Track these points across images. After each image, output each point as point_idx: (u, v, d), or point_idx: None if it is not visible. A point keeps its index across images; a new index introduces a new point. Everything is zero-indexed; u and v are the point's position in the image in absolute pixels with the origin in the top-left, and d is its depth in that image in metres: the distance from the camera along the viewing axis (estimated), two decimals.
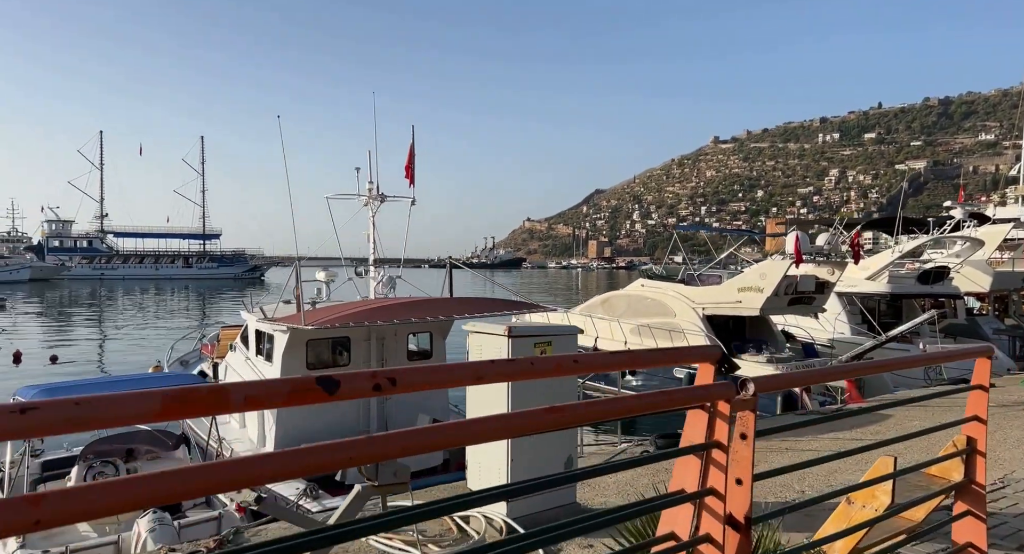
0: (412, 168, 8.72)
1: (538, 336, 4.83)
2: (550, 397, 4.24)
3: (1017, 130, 77.06)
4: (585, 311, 17.71)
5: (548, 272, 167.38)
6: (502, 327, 4.64)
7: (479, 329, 4.85)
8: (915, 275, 18.21)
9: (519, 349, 4.59)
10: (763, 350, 15.28)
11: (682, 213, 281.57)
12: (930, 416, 7.86)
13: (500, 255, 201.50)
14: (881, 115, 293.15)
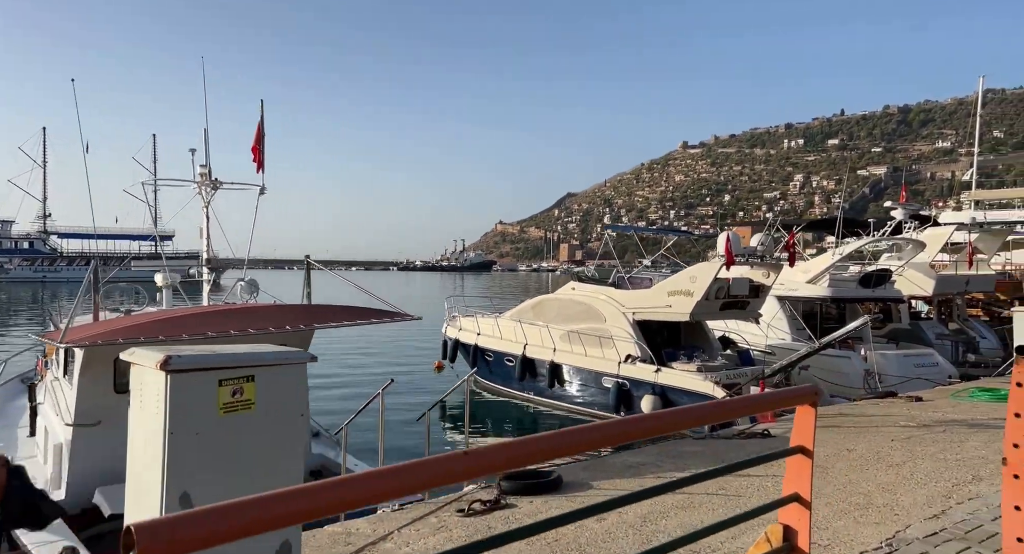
0: (261, 151, 7.65)
1: (225, 369, 2.75)
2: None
3: (970, 138, 79.14)
4: (516, 316, 16.79)
5: (518, 275, 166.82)
6: (158, 355, 2.72)
7: (137, 358, 2.88)
8: (857, 278, 17.72)
9: (189, 390, 2.70)
10: (695, 357, 14.52)
11: (651, 217, 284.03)
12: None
13: (470, 258, 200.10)
14: (844, 122, 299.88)
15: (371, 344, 27.91)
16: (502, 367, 16.76)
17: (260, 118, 7.57)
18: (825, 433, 7.15)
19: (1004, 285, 22.74)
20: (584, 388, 15.02)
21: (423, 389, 18.84)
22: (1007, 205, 75.84)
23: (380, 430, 6.08)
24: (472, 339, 17.52)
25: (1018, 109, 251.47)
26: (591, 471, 5.53)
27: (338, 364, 22.62)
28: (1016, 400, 3.68)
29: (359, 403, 17.00)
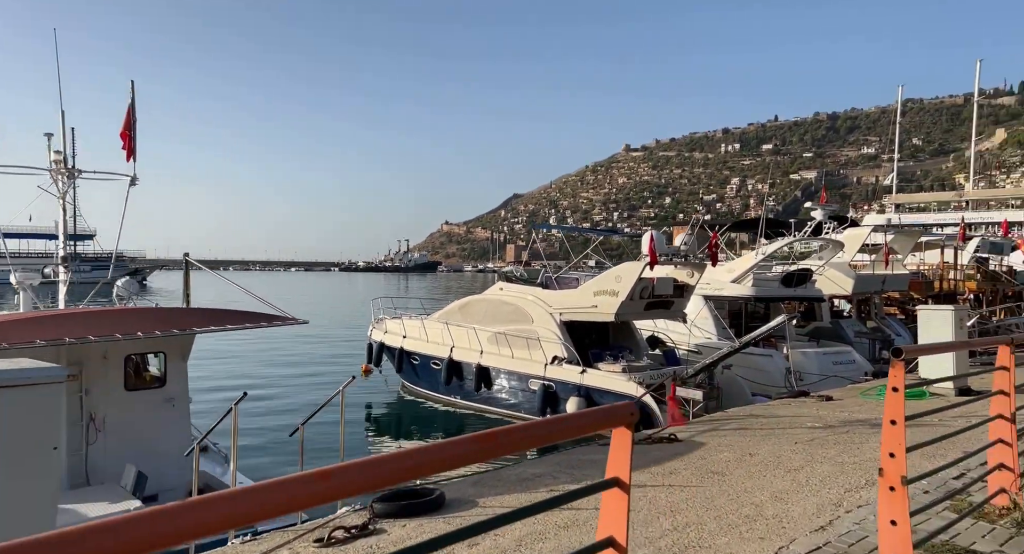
0: (131, 137, 6.91)
1: None
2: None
3: (892, 145, 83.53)
4: (443, 317, 16.30)
5: (464, 276, 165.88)
6: None
7: None
8: (779, 278, 18.07)
9: None
10: (621, 358, 14.40)
11: (596, 218, 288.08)
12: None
13: (414, 258, 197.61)
14: (777, 127, 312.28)
15: (295, 349, 26.87)
16: (428, 371, 16.24)
17: (130, 101, 6.82)
18: (732, 436, 7.00)
19: (917, 284, 23.76)
20: (511, 391, 14.68)
21: (348, 395, 18.10)
22: (924, 208, 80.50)
23: (233, 443, 5.49)
24: (398, 342, 16.93)
25: (935, 118, 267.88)
26: (480, 486, 5.13)
27: (255, 370, 21.57)
28: (892, 406, 3.49)
29: (273, 412, 16.05)
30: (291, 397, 17.56)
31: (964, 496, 4.62)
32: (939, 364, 9.49)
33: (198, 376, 19.07)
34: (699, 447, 6.44)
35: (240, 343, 28.35)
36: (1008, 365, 4.30)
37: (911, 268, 27.07)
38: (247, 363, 23.22)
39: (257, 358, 24.38)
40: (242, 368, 22.16)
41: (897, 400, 3.24)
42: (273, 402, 16.85)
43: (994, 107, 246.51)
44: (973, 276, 26.49)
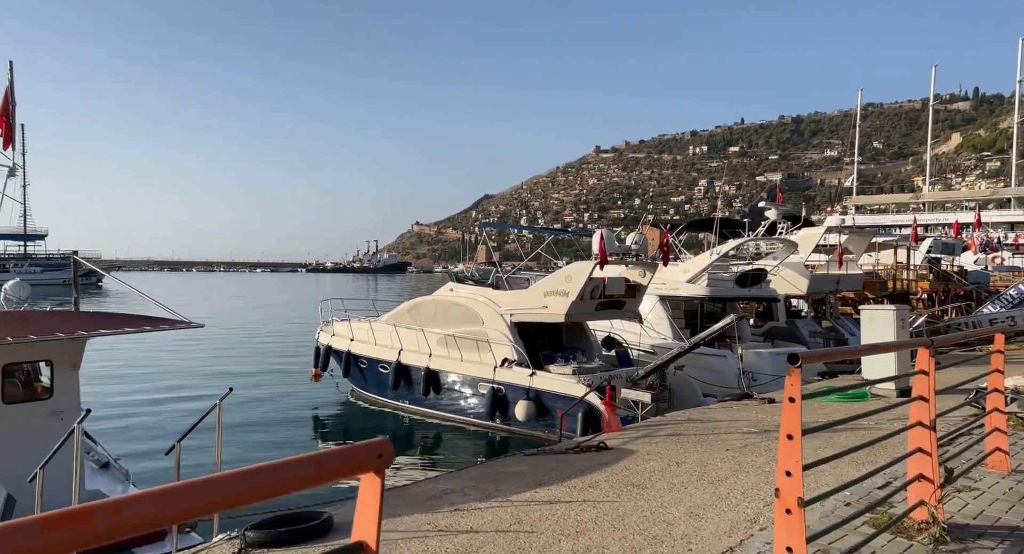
0: (8, 124, 6.32)
1: None
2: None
3: (852, 148, 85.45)
4: (391, 319, 15.80)
5: (434, 276, 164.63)
6: None
7: None
8: (734, 278, 18.01)
9: None
10: (572, 360, 14.10)
11: (567, 219, 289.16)
12: (714, 452, 6.60)
13: (383, 259, 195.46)
14: (743, 130, 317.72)
15: (240, 353, 26.06)
16: (376, 375, 15.73)
17: (8, 83, 6.21)
18: (665, 443, 6.71)
19: (871, 284, 24.03)
20: (460, 395, 14.27)
21: (297, 399, 17.51)
22: (884, 210, 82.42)
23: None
24: (345, 345, 16.37)
25: (894, 122, 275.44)
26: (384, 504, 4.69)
27: (193, 376, 20.74)
28: (789, 418, 3.19)
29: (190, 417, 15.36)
30: (229, 402, 16.85)
31: (886, 508, 4.37)
32: (881, 364, 9.39)
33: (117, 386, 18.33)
34: (627, 456, 6.12)
35: (183, 347, 27.43)
36: (928, 369, 4.06)
37: (867, 268, 27.48)
38: (183, 371, 22.35)
39: (198, 363, 23.52)
40: (181, 376, 21.32)
41: (793, 412, 2.93)
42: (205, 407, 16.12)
43: (950, 112, 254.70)
44: (926, 276, 26.98)
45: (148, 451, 11.81)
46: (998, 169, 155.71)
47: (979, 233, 36.78)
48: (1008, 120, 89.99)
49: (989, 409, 5.30)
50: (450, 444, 13.61)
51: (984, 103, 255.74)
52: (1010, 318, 21.54)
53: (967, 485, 4.88)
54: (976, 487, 4.86)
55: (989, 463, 5.32)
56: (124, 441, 12.50)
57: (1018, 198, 66.62)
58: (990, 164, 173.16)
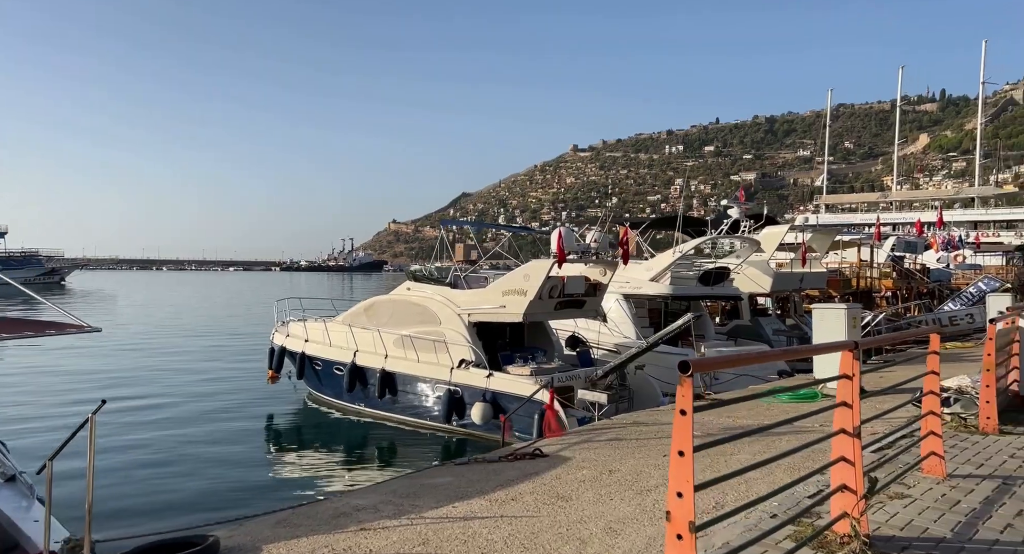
0: None
1: None
2: None
3: (825, 150, 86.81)
4: (347, 320, 15.39)
5: None
6: None
7: None
8: (697, 276, 17.93)
9: None
10: (531, 360, 13.85)
11: (544, 218, 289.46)
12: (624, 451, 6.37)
13: (359, 257, 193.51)
14: (718, 130, 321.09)
15: (196, 355, 25.39)
16: (332, 377, 15.30)
17: None
18: (603, 449, 6.46)
19: (836, 282, 24.22)
20: (416, 397, 13.92)
21: (252, 403, 17.00)
22: (855, 209, 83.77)
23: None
24: (299, 346, 15.91)
25: (865, 123, 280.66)
26: (283, 527, 4.38)
27: (145, 377, 20.08)
28: (680, 433, 2.94)
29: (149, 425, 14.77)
30: (182, 406, 16.33)
31: (812, 519, 4.17)
32: (832, 363, 9.28)
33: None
34: (561, 464, 5.86)
35: (136, 346, 26.66)
36: (851, 372, 3.85)
37: (833, 266, 27.73)
38: (137, 374, 21.67)
39: (148, 365, 22.83)
40: (134, 380, 20.64)
41: (684, 426, 2.68)
42: (153, 412, 15.57)
43: (918, 113, 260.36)
44: (889, 274, 27.30)
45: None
46: (963, 169, 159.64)
47: (941, 232, 37.42)
48: (974, 121, 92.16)
49: (924, 412, 5.14)
50: (406, 448, 13.28)
51: (951, 104, 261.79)
52: (969, 315, 21.84)
53: (899, 492, 4.71)
54: (909, 494, 4.69)
55: (924, 468, 5.17)
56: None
57: (981, 198, 68.20)
58: (956, 164, 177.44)
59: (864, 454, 5.97)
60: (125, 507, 9.03)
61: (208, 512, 9.37)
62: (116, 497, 9.40)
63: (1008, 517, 4.22)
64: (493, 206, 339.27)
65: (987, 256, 38.94)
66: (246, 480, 11.20)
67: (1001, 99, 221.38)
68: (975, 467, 5.37)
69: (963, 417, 6.78)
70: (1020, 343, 7.35)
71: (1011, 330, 7.36)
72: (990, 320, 6.61)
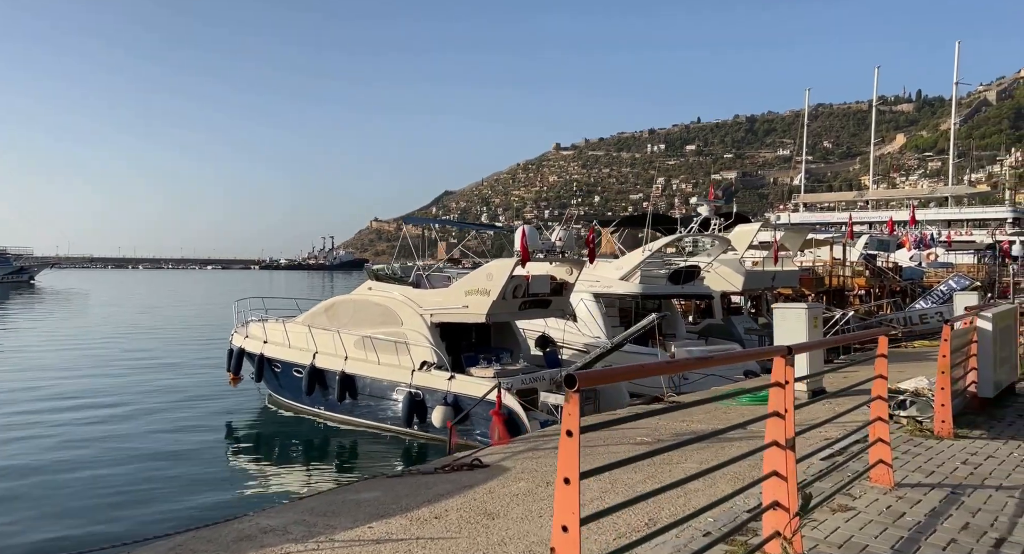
0: None
1: None
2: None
3: (803, 149, 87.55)
4: (307, 320, 14.94)
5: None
6: None
7: None
8: (667, 275, 17.72)
9: None
10: (498, 361, 13.53)
11: (527, 216, 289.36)
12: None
13: (340, 256, 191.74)
14: (699, 129, 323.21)
15: (160, 356, 24.71)
16: (291, 379, 14.85)
17: None
18: (547, 457, 6.15)
19: (808, 280, 24.20)
20: (377, 400, 13.52)
21: (211, 406, 16.49)
22: (833, 208, 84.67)
23: None
24: (258, 348, 15.43)
25: (843, 122, 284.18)
26: (178, 551, 3.99)
27: (101, 378, 19.45)
28: (566, 458, 2.62)
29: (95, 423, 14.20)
30: (134, 409, 15.76)
31: (745, 537, 3.89)
32: (797, 363, 9.07)
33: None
34: (499, 475, 5.54)
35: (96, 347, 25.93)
36: (783, 379, 3.57)
37: (806, 264, 27.76)
38: (96, 372, 21.01)
39: (106, 367, 22.17)
40: (92, 378, 20.00)
41: (571, 450, 2.36)
42: (102, 416, 14.99)
43: (895, 113, 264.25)
44: (862, 272, 27.39)
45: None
46: (939, 169, 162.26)
47: (913, 230, 37.76)
48: (949, 122, 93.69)
49: (872, 418, 4.90)
50: (367, 452, 12.89)
51: (926, 105, 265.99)
52: (939, 313, 21.91)
53: (844, 504, 4.46)
54: (853, 506, 4.44)
55: (873, 476, 4.93)
56: None
57: (955, 196, 69.18)
58: (932, 164, 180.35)
59: (814, 461, 5.75)
60: (17, 520, 8.53)
61: (119, 528, 8.83)
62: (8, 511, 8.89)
63: (953, 531, 3.98)
64: (476, 204, 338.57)
65: (960, 254, 39.42)
66: (179, 492, 10.68)
67: (975, 100, 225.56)
68: (925, 475, 5.15)
69: (919, 420, 6.57)
70: (978, 343, 7.17)
71: (969, 330, 7.18)
72: (944, 321, 6.40)
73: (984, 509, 4.38)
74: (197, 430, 14.53)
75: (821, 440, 6.19)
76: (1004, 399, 7.94)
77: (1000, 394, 7.94)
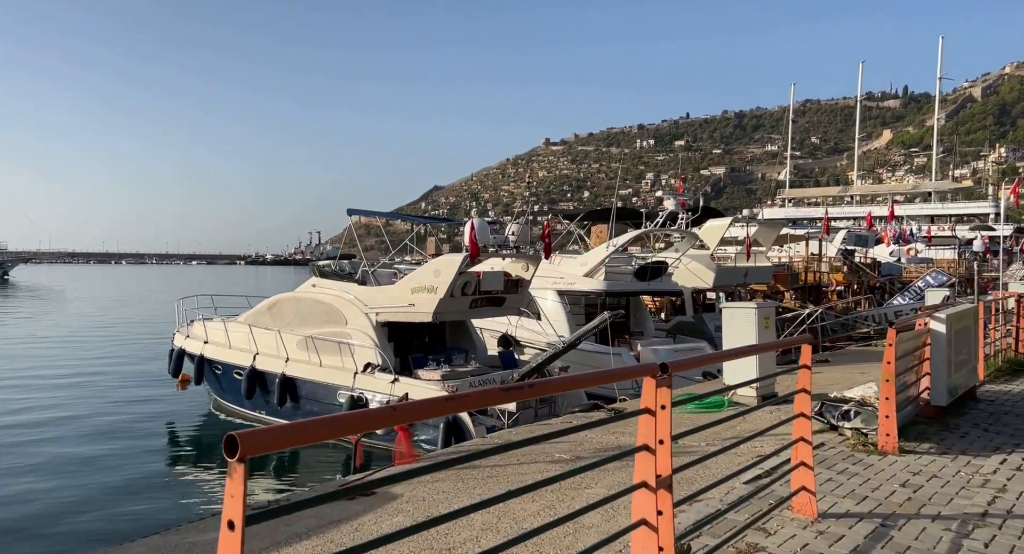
0: None
1: None
2: None
3: (792, 142, 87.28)
4: (250, 319, 14.17)
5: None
6: None
7: None
8: (633, 271, 17.08)
9: None
10: (446, 363, 12.83)
11: (516, 211, 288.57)
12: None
13: (327, 251, 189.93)
14: (688, 124, 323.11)
15: (108, 356, 23.85)
16: (232, 382, 14.10)
17: None
18: (445, 482, 5.46)
19: (783, 276, 23.67)
20: (319, 405, 12.79)
21: (154, 409, 15.72)
22: (819, 203, 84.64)
23: None
24: (198, 348, 14.65)
25: (831, 118, 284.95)
26: None
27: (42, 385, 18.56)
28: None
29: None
30: (72, 409, 14.97)
31: None
32: (743, 367, 8.46)
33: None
34: (378, 507, 4.85)
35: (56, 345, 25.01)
36: (654, 405, 2.90)
37: (783, 260, 27.23)
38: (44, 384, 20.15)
39: (53, 364, 21.30)
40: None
41: (231, 547, 1.66)
42: (43, 414, 14.20)
43: (882, 109, 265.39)
44: (840, 268, 26.90)
45: None
46: (924, 165, 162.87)
47: (892, 225, 37.38)
48: (934, 117, 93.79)
49: (794, 438, 4.25)
50: (309, 462, 12.20)
51: (913, 101, 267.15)
52: (915, 310, 21.45)
53: (753, 543, 3.81)
54: (764, 545, 3.79)
55: (794, 505, 4.28)
56: None
57: (938, 192, 69.10)
58: (918, 160, 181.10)
59: (736, 485, 5.11)
60: None
61: (39, 548, 8.25)
62: None
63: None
64: (465, 199, 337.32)
65: (941, 250, 39.10)
66: (108, 503, 10.04)
67: (961, 96, 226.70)
68: (857, 501, 4.51)
69: (864, 433, 5.95)
70: (931, 347, 6.56)
71: (922, 333, 6.57)
72: (889, 323, 5.78)
73: (914, 548, 3.75)
74: (136, 436, 13.81)
75: (754, 457, 5.56)
76: (962, 405, 7.36)
77: (959, 399, 7.36)
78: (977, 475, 5.07)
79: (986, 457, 5.52)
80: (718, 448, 4.92)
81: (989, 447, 5.82)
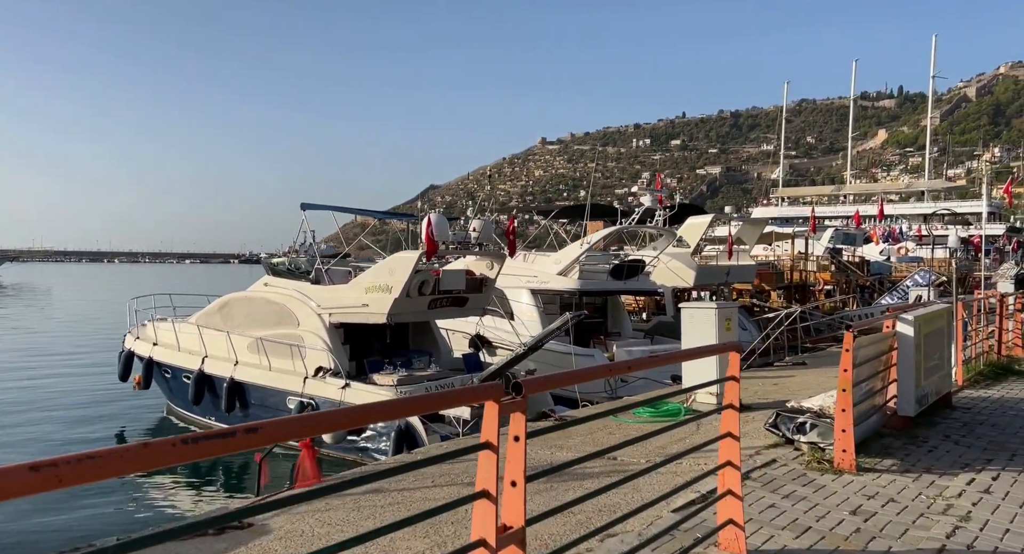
0: None
1: None
2: None
3: (787, 141, 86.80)
4: (200, 320, 13.49)
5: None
6: None
7: None
8: (608, 270, 16.45)
9: None
10: (407, 365, 12.16)
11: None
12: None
13: (321, 250, 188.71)
14: (684, 124, 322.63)
15: (67, 357, 23.13)
16: (181, 386, 13.42)
17: None
18: (338, 510, 4.80)
19: (767, 275, 23.07)
20: (268, 411, 12.11)
21: (105, 412, 15.04)
22: (815, 203, 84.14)
23: None
24: (147, 350, 13.97)
25: (826, 118, 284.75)
26: None
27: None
28: None
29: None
30: (19, 411, 14.27)
31: None
32: (704, 369, 7.84)
33: None
34: (248, 542, 4.18)
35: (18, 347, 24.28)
36: (508, 435, 2.26)
37: (769, 259, 26.65)
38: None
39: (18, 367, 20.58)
40: None
41: None
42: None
43: (877, 109, 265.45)
44: (827, 267, 26.33)
45: None
46: (919, 164, 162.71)
47: (881, 224, 36.85)
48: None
49: (720, 462, 3.62)
50: (254, 472, 11.51)
51: (908, 101, 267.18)
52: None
53: None
54: None
55: (721, 542, 3.65)
56: None
57: (931, 191, 68.66)
58: (912, 159, 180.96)
59: (663, 513, 4.48)
60: None
61: None
62: None
63: None
64: (462, 198, 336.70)
65: (935, 248, 38.55)
66: (42, 513, 9.42)
67: (955, 96, 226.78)
68: (796, 534, 3.87)
69: (821, 448, 5.32)
70: (899, 351, 5.94)
71: (888, 336, 5.94)
72: (846, 327, 5.15)
73: None
74: (84, 442, 13.13)
75: (695, 475, 4.92)
76: (934, 414, 6.74)
77: (932, 407, 6.74)
78: (940, 499, 4.44)
79: (952, 476, 4.89)
80: (643, 467, 4.30)
81: (958, 464, 5.19)
